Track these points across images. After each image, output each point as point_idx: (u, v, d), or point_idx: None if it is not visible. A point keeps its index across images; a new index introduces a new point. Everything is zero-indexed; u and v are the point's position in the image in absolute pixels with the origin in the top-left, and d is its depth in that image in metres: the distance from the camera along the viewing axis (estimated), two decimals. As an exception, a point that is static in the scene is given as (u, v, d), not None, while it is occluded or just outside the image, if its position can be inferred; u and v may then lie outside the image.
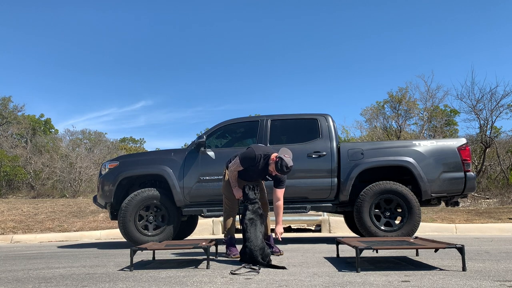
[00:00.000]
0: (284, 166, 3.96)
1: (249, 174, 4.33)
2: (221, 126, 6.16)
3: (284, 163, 3.96)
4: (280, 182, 4.24)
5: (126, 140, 32.86)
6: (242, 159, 4.21)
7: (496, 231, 7.85)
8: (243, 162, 4.21)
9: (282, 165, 3.96)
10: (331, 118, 6.07)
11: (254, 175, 4.33)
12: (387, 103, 19.84)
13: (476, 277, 2.93)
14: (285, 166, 3.96)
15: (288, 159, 3.98)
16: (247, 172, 4.31)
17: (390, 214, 5.63)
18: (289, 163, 3.96)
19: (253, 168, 4.22)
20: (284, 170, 3.98)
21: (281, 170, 4.00)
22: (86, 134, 23.63)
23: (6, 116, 23.37)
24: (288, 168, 3.97)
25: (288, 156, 4.00)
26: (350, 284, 2.73)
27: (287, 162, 3.96)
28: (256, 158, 4.15)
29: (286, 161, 3.96)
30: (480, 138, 15.50)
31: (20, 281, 3.18)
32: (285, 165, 3.96)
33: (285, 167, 3.96)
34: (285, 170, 3.99)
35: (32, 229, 9.46)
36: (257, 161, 4.16)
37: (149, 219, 5.80)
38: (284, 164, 3.96)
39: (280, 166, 3.98)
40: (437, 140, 6.15)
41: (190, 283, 2.87)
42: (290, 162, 3.98)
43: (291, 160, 4.00)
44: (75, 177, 18.63)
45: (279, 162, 3.98)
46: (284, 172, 4.03)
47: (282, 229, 4.25)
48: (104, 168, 6.16)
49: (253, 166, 4.20)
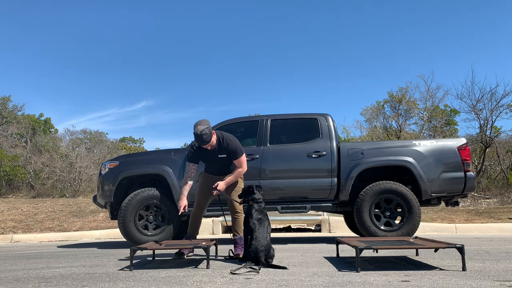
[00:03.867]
0: (195, 135, 4.04)
1: (208, 164, 4.43)
2: (221, 126, 6.15)
3: (198, 131, 4.02)
4: (233, 153, 4.27)
5: (126, 140, 32.87)
6: (187, 157, 4.34)
7: (496, 231, 7.85)
8: (190, 158, 4.31)
9: (195, 133, 4.04)
10: (331, 118, 6.07)
11: (209, 162, 4.40)
12: (387, 103, 19.86)
13: (476, 277, 2.93)
14: (197, 134, 4.03)
15: (200, 127, 4.02)
16: (206, 164, 4.43)
17: (390, 214, 5.63)
18: (197, 131, 4.02)
19: (202, 154, 4.30)
20: (197, 139, 4.05)
21: (197, 140, 4.08)
22: (86, 133, 23.63)
23: (6, 116, 23.35)
24: (197, 135, 4.02)
25: (200, 125, 4.05)
26: (350, 284, 2.73)
27: (196, 131, 4.03)
28: (193, 146, 4.30)
29: (195, 131, 4.03)
30: (480, 138, 15.50)
31: (20, 281, 3.18)
32: (197, 133, 4.03)
33: (195, 135, 4.04)
34: (198, 139, 4.05)
35: (32, 229, 9.46)
36: (195, 147, 4.28)
37: (149, 219, 5.80)
38: (196, 132, 4.03)
39: (196, 136, 4.06)
40: (437, 140, 6.15)
41: (190, 283, 2.87)
42: (198, 131, 4.02)
43: (200, 127, 4.03)
44: (75, 176, 18.63)
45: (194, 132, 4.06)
46: (201, 141, 4.07)
47: (224, 186, 4.27)
48: (104, 167, 6.15)
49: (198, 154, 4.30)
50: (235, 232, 4.38)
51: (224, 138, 4.26)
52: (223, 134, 4.31)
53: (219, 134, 4.28)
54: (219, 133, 4.30)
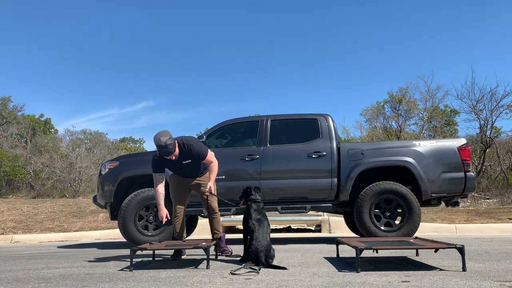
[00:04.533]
0: (159, 146, 4.02)
1: (175, 171, 4.43)
2: (221, 126, 6.16)
3: (159, 144, 4.00)
4: (198, 156, 4.28)
5: (126, 140, 32.87)
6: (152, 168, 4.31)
7: (496, 231, 7.85)
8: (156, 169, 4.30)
9: (157, 145, 4.03)
10: (331, 118, 6.07)
11: (175, 169, 4.40)
12: (387, 103, 19.86)
13: (476, 277, 2.93)
14: (159, 146, 4.02)
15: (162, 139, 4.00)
16: (173, 171, 4.43)
17: (390, 214, 5.63)
18: (161, 142, 4.00)
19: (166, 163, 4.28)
20: (162, 150, 4.04)
21: (161, 152, 4.06)
22: (86, 134, 23.64)
23: (6, 116, 23.36)
24: (162, 146, 4.01)
25: (163, 136, 4.03)
26: (350, 284, 2.73)
27: (159, 142, 4.00)
28: (155, 156, 4.28)
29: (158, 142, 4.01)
30: (480, 138, 15.50)
31: (20, 281, 3.18)
32: (159, 146, 4.01)
33: (159, 146, 4.02)
34: (162, 150, 4.04)
35: (32, 229, 9.46)
36: (156, 157, 4.26)
37: (149, 219, 5.80)
38: (158, 145, 4.02)
39: (159, 149, 4.06)
40: (437, 140, 6.15)
41: (190, 283, 2.87)
42: (162, 142, 4.00)
43: (163, 138, 4.01)
44: (75, 177, 18.63)
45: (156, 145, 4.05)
46: (166, 152, 4.05)
47: (213, 185, 4.34)
48: (104, 168, 6.15)
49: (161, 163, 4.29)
50: (216, 231, 4.47)
51: (184, 144, 4.23)
52: (182, 140, 4.27)
53: (179, 141, 4.24)
54: (179, 139, 4.25)
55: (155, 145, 4.06)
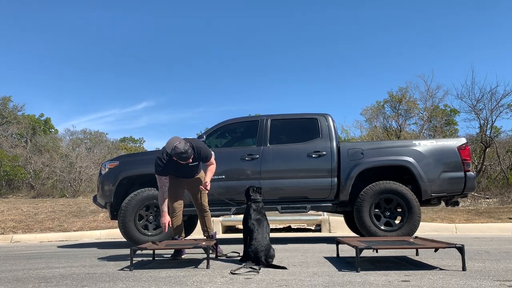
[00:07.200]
0: (178, 153, 4.06)
1: (177, 172, 4.41)
2: (221, 126, 6.16)
3: (179, 151, 4.05)
4: (205, 158, 4.37)
5: (126, 140, 32.87)
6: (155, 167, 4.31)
7: (496, 231, 7.85)
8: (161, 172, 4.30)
9: (177, 153, 4.06)
10: (331, 118, 6.07)
11: (178, 170, 4.38)
12: (387, 103, 19.85)
13: (476, 277, 2.93)
14: (180, 153, 4.06)
15: (179, 145, 4.06)
16: (174, 172, 4.41)
17: (390, 213, 5.63)
18: (179, 149, 4.04)
19: (171, 166, 4.29)
20: (182, 156, 4.09)
21: (181, 157, 4.11)
22: (86, 134, 23.63)
23: (6, 116, 23.36)
24: (181, 153, 4.06)
25: (178, 143, 4.08)
26: (350, 283, 2.73)
27: (177, 150, 4.04)
28: (162, 159, 4.27)
29: (176, 150, 4.05)
30: (480, 138, 15.50)
31: (20, 281, 3.18)
32: (179, 153, 4.06)
33: (179, 154, 4.06)
34: (183, 156, 4.08)
35: (32, 229, 9.46)
36: (164, 161, 4.26)
37: (149, 219, 5.80)
38: (178, 152, 4.05)
39: (178, 156, 4.09)
40: (437, 140, 6.15)
41: (190, 283, 2.87)
42: (180, 148, 4.05)
43: (179, 145, 4.07)
44: (75, 176, 18.63)
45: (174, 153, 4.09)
46: (185, 158, 4.12)
47: (209, 183, 4.39)
48: (104, 167, 6.15)
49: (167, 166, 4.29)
50: (208, 229, 4.51)
51: (195, 147, 4.27)
52: (192, 143, 4.29)
53: (190, 144, 4.26)
54: (190, 142, 4.27)
55: (174, 153, 4.08)
